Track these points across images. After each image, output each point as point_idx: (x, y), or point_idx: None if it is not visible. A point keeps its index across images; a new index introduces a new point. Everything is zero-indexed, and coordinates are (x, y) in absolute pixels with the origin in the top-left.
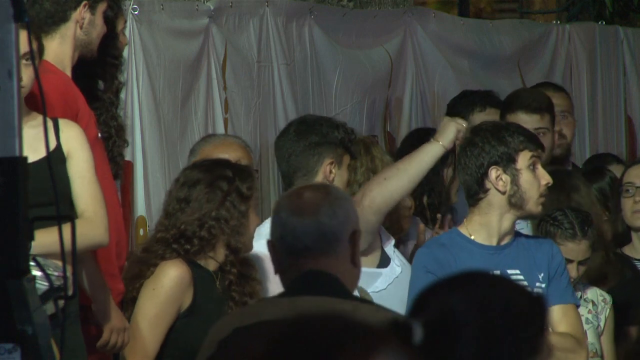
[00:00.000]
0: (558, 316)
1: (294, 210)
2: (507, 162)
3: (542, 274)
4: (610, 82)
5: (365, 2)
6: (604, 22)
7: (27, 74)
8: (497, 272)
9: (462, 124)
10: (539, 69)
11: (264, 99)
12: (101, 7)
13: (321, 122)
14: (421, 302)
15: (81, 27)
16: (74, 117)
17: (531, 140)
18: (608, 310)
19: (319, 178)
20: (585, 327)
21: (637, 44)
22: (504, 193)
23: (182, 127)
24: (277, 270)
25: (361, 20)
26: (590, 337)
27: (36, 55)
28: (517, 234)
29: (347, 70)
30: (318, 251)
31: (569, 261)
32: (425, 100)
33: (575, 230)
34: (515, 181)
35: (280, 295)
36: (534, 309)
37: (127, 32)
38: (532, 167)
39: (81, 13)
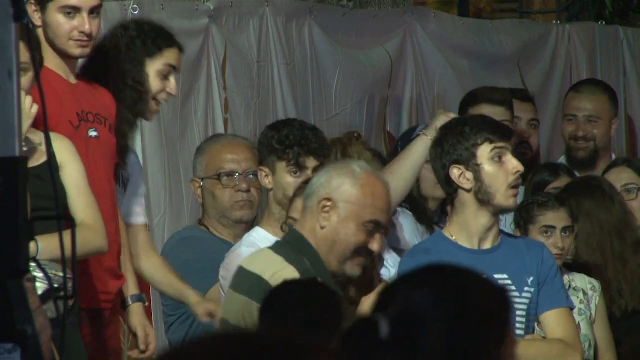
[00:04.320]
0: (551, 322)
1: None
2: (468, 158)
3: (531, 278)
4: (610, 82)
5: (365, 2)
6: (604, 22)
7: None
8: None
9: (451, 116)
10: (539, 69)
11: (264, 99)
12: (54, 4)
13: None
14: (384, 299)
15: (34, 27)
16: None
17: (494, 132)
18: (597, 297)
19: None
20: (579, 318)
21: (637, 44)
22: (469, 191)
23: (182, 127)
24: None
25: (361, 20)
26: (584, 329)
27: (31, 66)
28: (506, 235)
29: (347, 70)
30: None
31: (552, 228)
32: (425, 100)
33: (552, 200)
34: (477, 177)
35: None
36: (496, 300)
37: None
38: (498, 159)
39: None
